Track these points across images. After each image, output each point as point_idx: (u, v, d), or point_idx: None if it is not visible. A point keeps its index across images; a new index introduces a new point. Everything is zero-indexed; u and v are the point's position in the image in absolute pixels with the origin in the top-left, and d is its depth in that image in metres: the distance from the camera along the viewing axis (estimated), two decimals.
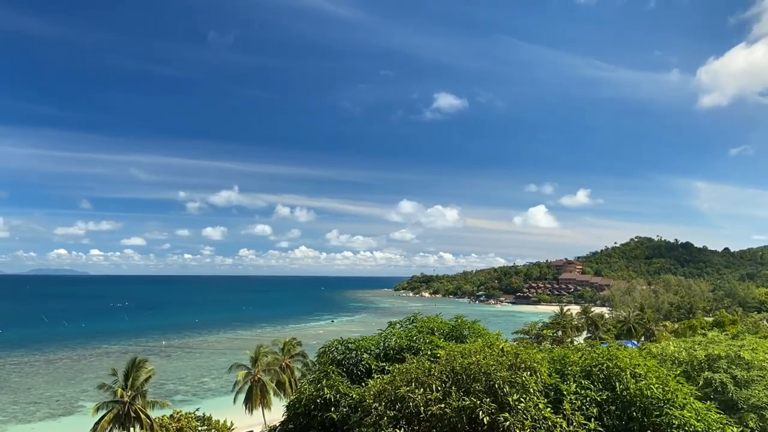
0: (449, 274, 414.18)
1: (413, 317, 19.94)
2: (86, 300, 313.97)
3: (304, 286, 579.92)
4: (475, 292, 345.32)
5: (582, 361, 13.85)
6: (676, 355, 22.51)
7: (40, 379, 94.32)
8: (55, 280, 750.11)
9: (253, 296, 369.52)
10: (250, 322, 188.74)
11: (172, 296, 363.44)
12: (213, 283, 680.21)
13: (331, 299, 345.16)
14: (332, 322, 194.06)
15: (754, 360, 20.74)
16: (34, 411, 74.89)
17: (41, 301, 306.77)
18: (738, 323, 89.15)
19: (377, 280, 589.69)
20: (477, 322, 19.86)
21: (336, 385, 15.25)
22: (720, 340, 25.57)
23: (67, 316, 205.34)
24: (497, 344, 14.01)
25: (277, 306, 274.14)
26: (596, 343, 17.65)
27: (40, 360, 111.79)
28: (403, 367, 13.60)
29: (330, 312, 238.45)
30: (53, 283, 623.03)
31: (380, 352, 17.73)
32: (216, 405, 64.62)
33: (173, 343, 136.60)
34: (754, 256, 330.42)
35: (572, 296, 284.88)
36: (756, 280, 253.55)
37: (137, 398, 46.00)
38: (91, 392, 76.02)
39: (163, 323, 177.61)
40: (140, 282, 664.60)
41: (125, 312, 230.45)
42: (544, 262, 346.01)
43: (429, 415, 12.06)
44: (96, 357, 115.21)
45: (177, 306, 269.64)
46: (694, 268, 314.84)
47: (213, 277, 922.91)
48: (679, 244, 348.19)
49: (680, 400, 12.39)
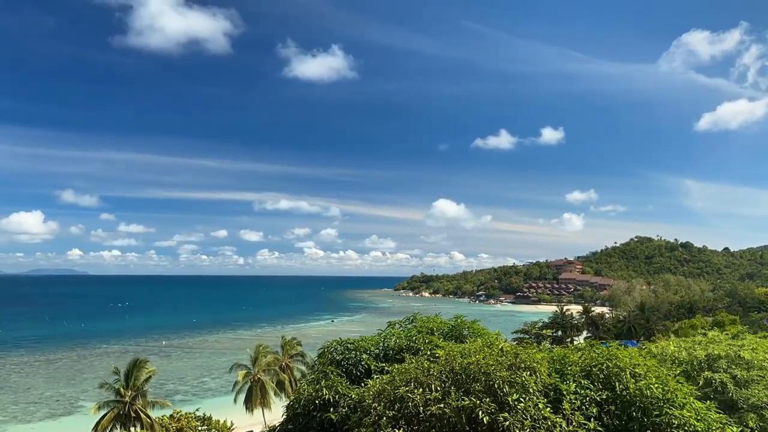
0: (449, 274, 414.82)
1: (413, 317, 19.92)
2: (86, 300, 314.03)
3: (304, 286, 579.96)
4: (475, 291, 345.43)
5: (582, 361, 13.83)
6: (676, 354, 22.50)
7: (40, 379, 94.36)
8: (55, 280, 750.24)
9: (248, 295, 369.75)
10: (250, 321, 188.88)
11: (173, 297, 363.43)
12: (210, 283, 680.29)
13: (331, 299, 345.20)
14: (332, 322, 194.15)
15: (754, 360, 20.72)
16: (34, 411, 74.91)
17: (41, 301, 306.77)
18: (738, 323, 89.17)
19: (377, 280, 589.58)
20: (477, 321, 19.84)
21: (335, 385, 15.23)
22: (720, 339, 25.53)
23: (67, 316, 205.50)
24: (497, 344, 13.99)
25: (277, 306, 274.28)
26: (596, 343, 17.64)
27: (40, 360, 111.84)
28: (403, 367, 13.58)
29: (330, 312, 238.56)
30: (53, 283, 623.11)
31: (380, 353, 17.71)
32: (216, 405, 64.65)
33: (173, 343, 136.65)
34: (754, 256, 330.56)
35: (572, 296, 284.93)
36: (756, 279, 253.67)
37: (138, 398, 46.05)
38: (91, 392, 76.13)
39: (163, 323, 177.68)
40: (141, 282, 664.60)
41: (125, 312, 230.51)
42: (544, 261, 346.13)
43: (428, 415, 12.05)
44: (96, 357, 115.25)
45: (177, 306, 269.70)
46: (694, 268, 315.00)
47: (205, 277, 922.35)
48: (679, 244, 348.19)
49: (680, 400, 12.37)
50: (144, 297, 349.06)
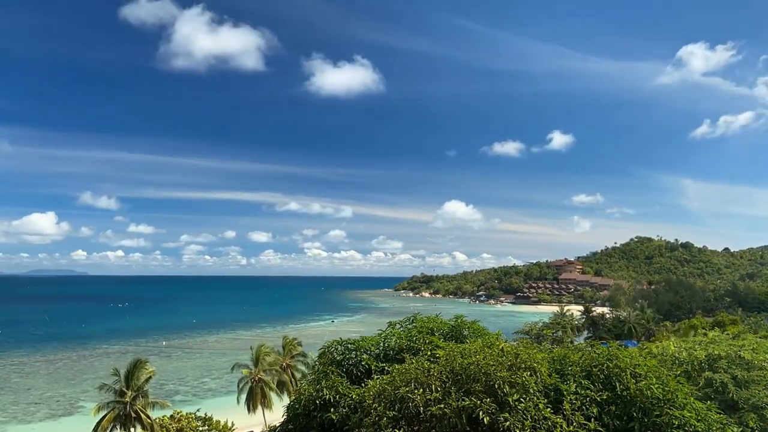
0: (449, 274, 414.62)
1: (413, 317, 19.89)
2: (86, 300, 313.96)
3: (305, 286, 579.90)
4: (475, 292, 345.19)
5: (582, 361, 13.82)
6: (676, 355, 22.50)
7: (41, 379, 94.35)
8: (55, 280, 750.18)
9: (248, 295, 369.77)
10: (250, 322, 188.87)
11: (173, 297, 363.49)
12: (212, 283, 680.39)
13: (331, 299, 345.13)
14: (332, 323, 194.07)
15: (754, 360, 20.73)
16: (35, 411, 74.93)
17: (41, 301, 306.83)
18: (738, 323, 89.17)
19: (378, 281, 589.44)
20: (477, 322, 19.81)
21: (335, 385, 15.23)
22: (720, 340, 25.55)
23: (67, 316, 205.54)
24: (497, 344, 13.99)
25: (278, 306, 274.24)
26: (596, 343, 17.63)
27: (41, 360, 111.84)
28: (403, 367, 13.59)
29: (330, 312, 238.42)
30: (53, 283, 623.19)
31: (380, 353, 17.70)
32: (216, 405, 64.71)
33: (173, 344, 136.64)
34: (754, 256, 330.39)
35: (572, 296, 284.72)
36: (756, 280, 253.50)
37: (138, 398, 46.05)
38: (91, 393, 76.07)
39: (164, 323, 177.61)
40: (142, 282, 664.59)
41: (126, 312, 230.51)
42: (544, 262, 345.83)
43: (429, 415, 12.06)
44: (96, 357, 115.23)
45: (177, 306, 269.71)
46: (694, 268, 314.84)
47: (208, 277, 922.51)
48: (679, 244, 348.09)
49: (680, 400, 12.38)
50: (144, 297, 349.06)
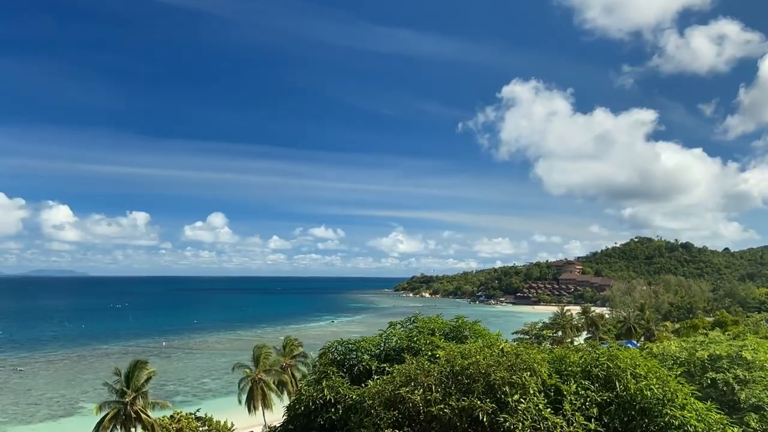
0: (449, 275, 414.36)
1: (414, 318, 19.90)
2: (85, 300, 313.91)
3: (306, 287, 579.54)
4: (475, 292, 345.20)
5: (582, 362, 13.81)
6: (677, 355, 22.48)
7: (41, 380, 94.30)
8: (55, 281, 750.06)
9: (249, 296, 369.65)
10: (250, 322, 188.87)
11: (173, 297, 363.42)
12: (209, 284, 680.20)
13: (331, 300, 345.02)
14: (332, 323, 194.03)
15: (755, 360, 20.70)
16: (34, 412, 74.89)
17: (41, 301, 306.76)
18: (739, 323, 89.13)
19: (379, 281, 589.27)
20: (477, 322, 19.82)
21: (336, 386, 15.23)
22: (721, 340, 25.51)
23: (67, 316, 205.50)
24: (497, 344, 13.99)
25: (277, 306, 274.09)
26: (596, 343, 17.64)
27: (41, 361, 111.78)
28: (403, 367, 13.59)
29: (330, 312, 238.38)
30: (53, 283, 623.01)
31: (380, 353, 17.69)
32: (216, 406, 64.69)
33: (173, 344, 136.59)
34: (754, 256, 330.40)
35: (572, 296, 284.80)
36: (756, 280, 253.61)
37: (138, 399, 46.03)
38: (91, 393, 76.21)
39: (163, 324, 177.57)
40: (142, 283, 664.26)
41: (126, 312, 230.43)
42: (544, 262, 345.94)
43: (429, 415, 12.05)
44: (96, 358, 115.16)
45: (176, 306, 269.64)
46: (694, 268, 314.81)
47: (207, 278, 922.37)
48: (679, 244, 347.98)
49: (681, 401, 12.36)
50: (145, 297, 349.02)
